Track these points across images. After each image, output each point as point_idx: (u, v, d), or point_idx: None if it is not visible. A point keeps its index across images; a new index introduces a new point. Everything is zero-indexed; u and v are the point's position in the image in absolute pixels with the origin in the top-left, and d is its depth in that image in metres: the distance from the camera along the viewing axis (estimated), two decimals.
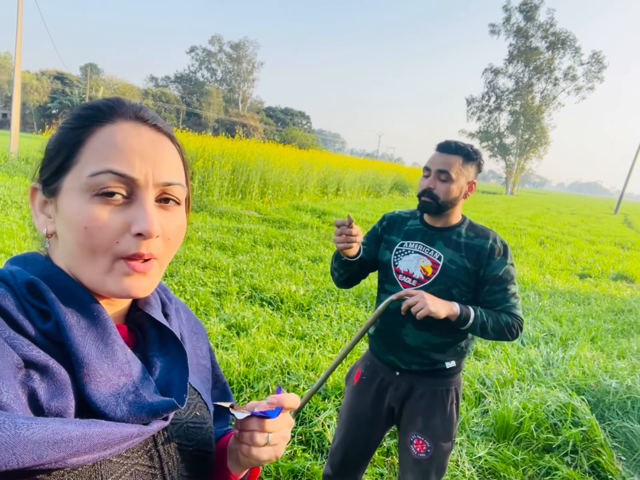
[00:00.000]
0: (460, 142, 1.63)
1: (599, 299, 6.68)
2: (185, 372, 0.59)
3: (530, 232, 14.09)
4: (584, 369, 3.71)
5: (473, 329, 1.54)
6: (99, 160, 0.53)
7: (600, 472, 2.65)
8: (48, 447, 0.41)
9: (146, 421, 0.52)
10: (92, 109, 0.56)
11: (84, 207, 0.52)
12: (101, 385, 0.50)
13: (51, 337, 0.50)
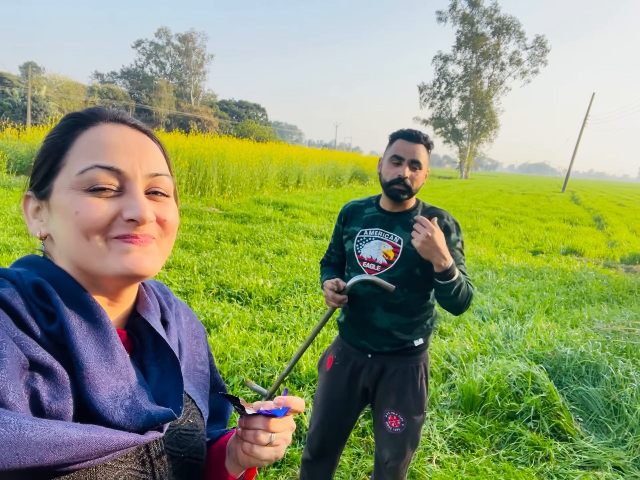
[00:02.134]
0: (422, 132, 1.70)
1: (551, 273, 7.05)
2: (180, 383, 0.60)
3: (485, 213, 14.61)
4: (541, 339, 3.93)
5: (450, 286, 1.56)
6: (86, 158, 0.56)
7: (561, 434, 2.85)
8: (49, 450, 0.42)
9: (142, 429, 0.53)
10: (75, 117, 0.60)
11: (75, 197, 0.55)
12: (100, 388, 0.51)
13: (55, 339, 0.52)
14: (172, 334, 0.66)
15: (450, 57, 55.49)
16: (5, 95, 51.60)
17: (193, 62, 70.13)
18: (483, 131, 55.84)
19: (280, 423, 0.64)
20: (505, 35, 51.92)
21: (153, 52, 69.62)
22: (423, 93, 57.34)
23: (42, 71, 61.34)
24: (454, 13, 52.64)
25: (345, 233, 1.84)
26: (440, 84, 56.70)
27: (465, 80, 55.04)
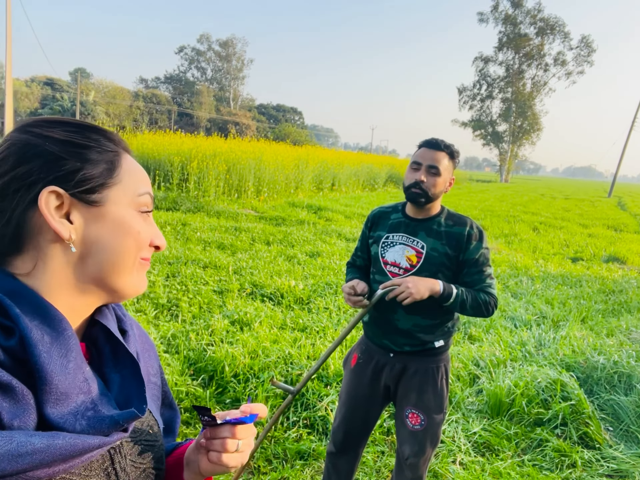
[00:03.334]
0: (445, 141, 1.78)
1: (591, 281, 6.86)
2: (142, 385, 0.61)
3: (524, 218, 14.27)
4: (574, 347, 3.88)
5: (454, 305, 1.70)
6: (139, 183, 0.63)
7: (589, 442, 2.82)
8: (12, 460, 0.42)
9: (107, 433, 0.53)
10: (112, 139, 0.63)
11: (135, 216, 0.61)
12: (60, 404, 0.51)
13: (14, 354, 0.50)
14: (131, 342, 0.67)
15: (492, 58, 54.43)
16: (56, 100, 54.24)
17: (233, 67, 71.64)
18: (525, 133, 54.44)
19: (245, 430, 0.67)
20: (550, 36, 50.52)
21: (195, 57, 71.57)
22: (462, 95, 56.50)
23: (90, 77, 64.06)
24: (496, 14, 51.68)
25: (371, 237, 1.92)
26: (480, 86, 55.72)
27: (506, 81, 53.84)
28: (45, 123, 0.58)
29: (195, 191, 11.54)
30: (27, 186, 0.54)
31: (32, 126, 0.57)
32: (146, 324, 3.87)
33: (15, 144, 0.56)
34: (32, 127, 0.57)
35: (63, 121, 0.60)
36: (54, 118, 0.60)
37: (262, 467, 2.47)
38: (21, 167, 0.54)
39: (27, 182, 0.54)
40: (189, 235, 7.38)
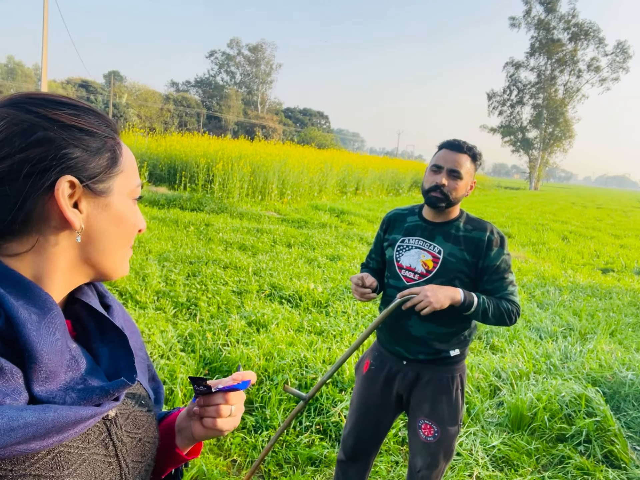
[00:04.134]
0: (468, 142, 1.71)
1: (621, 293, 6.60)
2: (131, 356, 0.62)
3: (553, 227, 13.91)
4: (601, 361, 3.72)
5: (475, 314, 1.62)
6: (135, 174, 0.65)
7: (614, 461, 2.68)
8: (5, 435, 0.42)
9: (98, 403, 0.54)
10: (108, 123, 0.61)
11: (132, 207, 0.64)
12: (48, 382, 0.51)
13: (1, 335, 0.50)
14: (115, 316, 0.67)
15: (523, 64, 53.47)
16: (90, 101, 55.81)
17: (262, 72, 72.39)
18: (556, 140, 53.17)
19: (237, 396, 0.71)
20: (584, 41, 49.27)
21: (224, 62, 72.64)
22: (492, 100, 55.63)
23: (123, 80, 65.75)
24: (528, 19, 50.74)
25: (386, 240, 1.87)
26: (510, 91, 54.78)
27: (538, 87, 52.77)
28: (46, 102, 0.55)
29: (219, 192, 11.65)
30: (40, 172, 0.52)
31: (32, 104, 0.54)
32: (165, 322, 3.89)
33: (16, 123, 0.52)
34: (32, 106, 0.54)
35: (59, 101, 0.57)
36: (46, 96, 0.57)
37: (272, 471, 2.43)
38: (32, 150, 0.52)
39: (41, 168, 0.52)
40: (212, 235, 7.44)
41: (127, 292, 4.47)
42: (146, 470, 0.68)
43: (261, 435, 2.62)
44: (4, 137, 0.52)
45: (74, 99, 0.59)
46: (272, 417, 2.75)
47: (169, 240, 6.84)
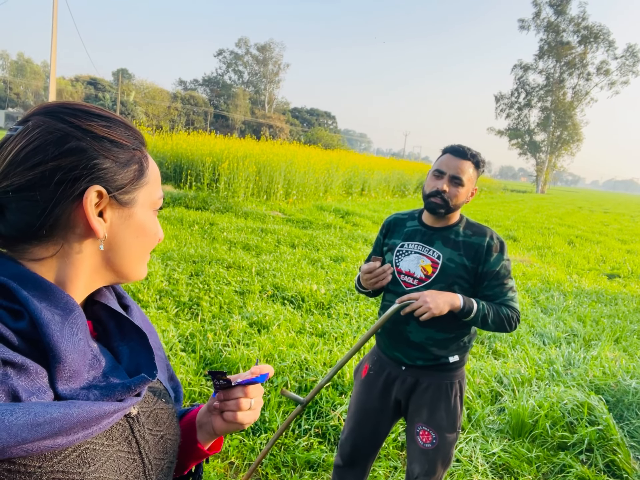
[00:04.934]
0: (472, 149, 1.69)
1: (627, 299, 6.54)
2: (151, 353, 0.64)
3: (559, 231, 13.82)
4: (605, 369, 3.68)
5: (474, 320, 1.61)
6: (158, 185, 0.67)
7: (616, 471, 2.65)
8: (32, 429, 0.44)
9: (120, 398, 0.55)
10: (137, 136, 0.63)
11: (154, 218, 0.66)
12: (72, 381, 0.52)
13: (26, 336, 0.51)
14: (135, 315, 0.70)
15: (532, 66, 53.19)
16: (98, 99, 56.14)
17: (269, 71, 72.47)
18: (564, 144, 52.84)
19: (256, 389, 0.73)
20: (593, 44, 48.92)
21: (232, 61, 72.78)
22: (500, 103, 55.39)
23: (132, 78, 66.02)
24: (537, 21, 50.48)
25: (385, 245, 1.85)
26: (519, 94, 54.51)
27: (546, 90, 52.47)
28: (80, 113, 0.57)
29: (225, 191, 11.66)
30: (71, 180, 0.55)
31: (66, 114, 0.56)
32: (167, 321, 3.89)
33: (50, 132, 0.55)
34: (66, 116, 0.56)
35: (92, 112, 0.59)
36: (81, 106, 0.59)
37: (270, 474, 2.42)
38: (64, 158, 0.54)
39: (72, 176, 0.54)
40: (216, 235, 7.44)
41: (130, 291, 4.47)
42: (168, 467, 0.69)
43: (259, 437, 2.61)
44: (38, 144, 0.54)
45: (106, 110, 0.61)
46: (271, 419, 2.74)
47: (173, 238, 6.85)
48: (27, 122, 0.56)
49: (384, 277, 1.67)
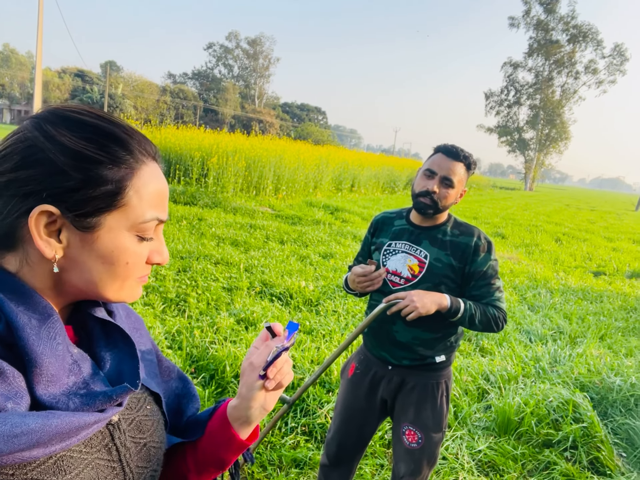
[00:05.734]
0: (465, 150, 1.67)
1: (612, 297, 6.62)
2: (136, 360, 0.61)
3: (546, 228, 13.95)
4: (590, 366, 3.71)
5: (462, 320, 1.60)
6: (148, 207, 0.58)
7: (600, 468, 2.68)
8: (7, 441, 0.42)
9: (101, 409, 0.54)
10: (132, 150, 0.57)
11: (128, 246, 0.57)
12: (51, 386, 0.51)
13: (1, 339, 0.50)
14: (119, 320, 0.67)
15: (521, 64, 53.55)
16: (86, 91, 55.37)
17: (260, 65, 72.03)
18: (552, 142, 53.39)
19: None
20: (582, 43, 49.36)
21: (222, 54, 72.21)
22: (489, 100, 55.73)
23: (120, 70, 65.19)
24: (527, 19, 50.77)
25: (373, 244, 1.84)
26: (508, 91, 54.88)
27: (535, 88, 52.89)
28: (62, 121, 0.54)
29: (213, 186, 11.57)
30: (22, 195, 0.52)
31: (48, 122, 0.54)
32: (153, 318, 3.85)
33: (24, 140, 0.53)
34: (47, 124, 0.54)
35: (83, 121, 0.55)
36: (75, 114, 0.55)
37: (256, 473, 2.40)
38: (21, 171, 0.52)
39: (23, 191, 0.52)
40: (204, 230, 7.38)
41: None
42: (152, 476, 0.67)
43: None
44: (8, 152, 0.53)
45: (105, 122, 0.56)
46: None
47: None
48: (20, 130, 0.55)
49: (378, 281, 1.65)
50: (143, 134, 0.61)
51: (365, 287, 1.67)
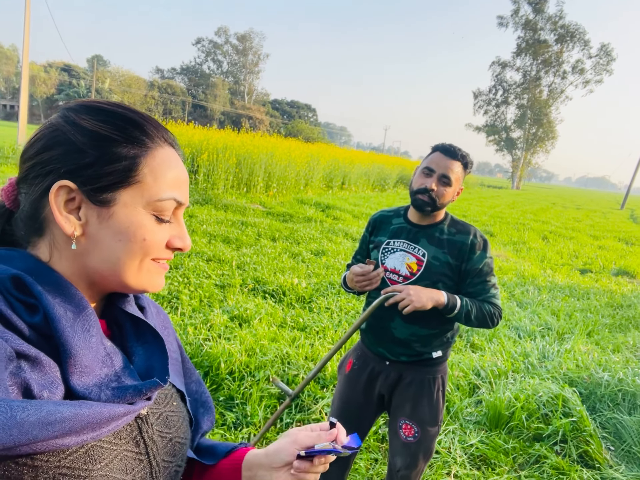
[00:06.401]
0: (462, 149, 1.71)
1: (599, 294, 6.74)
2: (165, 356, 0.63)
3: (533, 226, 14.12)
4: (578, 362, 3.79)
5: (458, 317, 1.63)
6: (165, 187, 0.59)
7: (589, 461, 2.74)
8: (42, 428, 0.44)
9: (131, 401, 0.55)
10: (148, 132, 0.59)
11: (144, 222, 0.58)
12: (84, 376, 0.53)
13: (39, 330, 0.52)
14: (150, 317, 0.69)
15: (509, 64, 54.00)
16: (72, 86, 54.61)
17: (249, 61, 71.63)
18: (539, 141, 53.96)
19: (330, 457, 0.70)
20: (569, 43, 49.90)
21: (212, 50, 71.65)
22: (478, 99, 56.12)
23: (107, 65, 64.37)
24: (516, 19, 51.18)
25: (372, 242, 1.86)
26: (496, 91, 55.34)
27: (523, 87, 53.39)
28: (82, 108, 0.58)
29: (204, 183, 11.51)
30: (43, 175, 0.55)
31: (72, 109, 0.58)
32: None
33: (49, 126, 0.57)
34: (69, 111, 0.57)
35: (103, 108, 0.58)
36: (95, 103, 0.59)
37: None
38: (44, 153, 0.56)
39: (45, 171, 0.55)
40: (195, 227, 7.35)
41: None
42: (176, 471, 0.68)
43: (241, 432, 2.60)
44: (36, 139, 0.57)
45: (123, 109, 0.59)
46: (253, 413, 2.73)
47: None
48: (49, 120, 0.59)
49: (377, 280, 1.68)
50: (162, 124, 0.63)
51: (364, 286, 1.69)
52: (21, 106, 15.58)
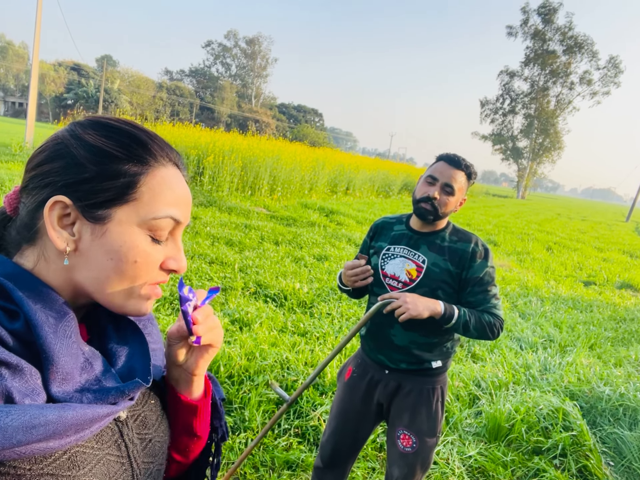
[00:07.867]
0: (466, 159, 1.71)
1: (602, 306, 6.69)
2: (147, 357, 0.62)
3: (538, 237, 14.07)
4: (580, 375, 3.76)
5: (456, 327, 1.62)
6: (162, 205, 0.58)
7: (588, 476, 2.71)
8: (27, 432, 0.43)
9: (113, 402, 0.55)
10: (152, 151, 0.59)
11: (138, 243, 0.57)
12: (65, 384, 0.52)
13: (20, 337, 0.51)
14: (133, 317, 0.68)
15: (517, 73, 54.01)
16: (81, 85, 54.99)
17: (257, 65, 71.98)
18: (546, 151, 53.87)
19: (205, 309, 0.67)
20: (578, 54, 49.89)
21: (221, 53, 72.07)
22: (485, 108, 56.13)
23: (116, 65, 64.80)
24: (525, 29, 51.25)
25: (372, 247, 1.86)
26: (503, 100, 55.34)
27: (530, 97, 53.37)
28: (90, 123, 0.58)
29: (209, 185, 11.55)
30: (41, 187, 0.56)
31: (80, 124, 0.58)
32: None
33: (55, 139, 0.58)
34: (77, 125, 0.58)
35: (109, 124, 0.59)
36: (103, 119, 0.59)
37: (248, 474, 2.41)
38: (45, 165, 0.56)
39: (43, 183, 0.56)
40: (199, 229, 7.37)
41: None
42: (157, 470, 0.68)
43: (239, 437, 2.59)
44: (40, 150, 0.58)
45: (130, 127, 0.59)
46: (251, 418, 2.72)
47: None
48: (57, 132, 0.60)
49: (364, 276, 1.68)
50: (168, 143, 0.63)
51: (354, 281, 1.71)
52: (30, 104, 15.69)
